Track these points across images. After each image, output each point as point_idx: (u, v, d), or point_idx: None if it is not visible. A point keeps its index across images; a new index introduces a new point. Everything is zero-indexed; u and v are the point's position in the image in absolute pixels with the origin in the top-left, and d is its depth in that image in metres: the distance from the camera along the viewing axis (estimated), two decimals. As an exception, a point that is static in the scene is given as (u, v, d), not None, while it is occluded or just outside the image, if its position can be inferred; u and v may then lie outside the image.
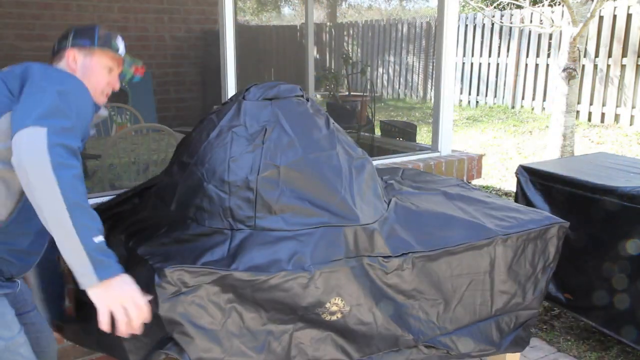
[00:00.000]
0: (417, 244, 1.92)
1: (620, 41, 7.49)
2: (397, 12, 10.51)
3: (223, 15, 2.81)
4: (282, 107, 1.96)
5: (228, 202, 1.76)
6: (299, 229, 1.74)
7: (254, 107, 1.95)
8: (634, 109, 7.40)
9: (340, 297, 1.75)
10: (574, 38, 5.08)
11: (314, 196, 1.80)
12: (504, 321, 2.18)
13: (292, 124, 1.91)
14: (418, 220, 2.02)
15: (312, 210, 1.77)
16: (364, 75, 6.40)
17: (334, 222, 1.78)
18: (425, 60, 9.28)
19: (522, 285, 2.18)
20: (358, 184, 1.91)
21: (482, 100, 9.55)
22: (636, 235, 2.52)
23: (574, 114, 5.39)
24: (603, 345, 2.88)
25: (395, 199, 2.11)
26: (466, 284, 2.04)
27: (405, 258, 1.88)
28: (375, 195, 1.99)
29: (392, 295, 1.88)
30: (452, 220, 2.06)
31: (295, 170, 1.82)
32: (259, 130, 1.87)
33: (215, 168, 1.81)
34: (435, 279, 1.96)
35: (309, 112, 2.01)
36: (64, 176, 1.32)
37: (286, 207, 1.77)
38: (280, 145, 1.85)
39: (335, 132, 2.01)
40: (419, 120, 8.12)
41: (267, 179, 1.78)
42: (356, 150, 2.05)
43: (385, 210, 2.00)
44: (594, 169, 2.96)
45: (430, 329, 1.99)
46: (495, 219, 2.14)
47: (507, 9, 8.99)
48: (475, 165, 3.59)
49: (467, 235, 2.02)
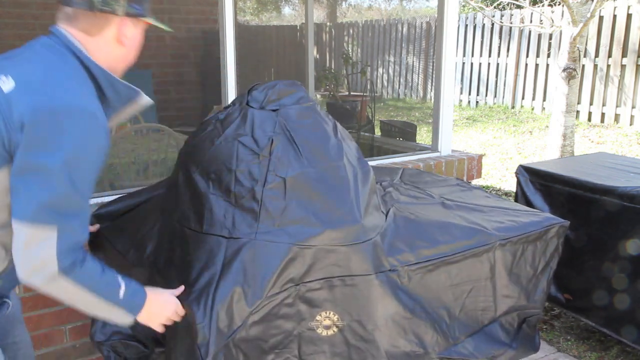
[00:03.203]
0: (417, 256, 1.91)
1: (620, 41, 7.49)
2: (397, 12, 10.51)
3: (223, 15, 2.81)
4: (289, 116, 1.94)
5: (233, 212, 1.75)
6: (300, 243, 1.72)
7: (260, 116, 1.93)
8: (634, 109, 7.40)
9: (333, 311, 1.74)
10: (574, 38, 5.08)
11: (319, 209, 1.78)
12: (508, 322, 2.18)
13: (298, 135, 1.89)
14: (417, 230, 2.00)
15: (315, 224, 1.75)
16: (364, 75, 6.40)
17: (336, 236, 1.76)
18: (425, 60, 9.28)
19: (524, 288, 2.18)
20: (363, 195, 1.90)
21: (482, 100, 9.54)
22: (636, 235, 2.52)
23: (574, 114, 5.39)
24: (603, 345, 2.88)
25: (394, 209, 2.10)
26: (467, 290, 2.03)
27: (407, 270, 1.87)
28: (374, 207, 1.98)
29: (396, 309, 1.86)
30: (451, 227, 2.05)
31: (302, 183, 1.80)
32: (266, 141, 1.85)
33: (221, 178, 1.80)
34: (437, 289, 1.95)
35: (316, 121, 1.98)
36: (77, 274, 1.27)
37: (291, 219, 1.75)
38: (287, 156, 1.83)
39: (342, 140, 1.99)
40: (419, 120, 8.12)
41: (272, 191, 1.77)
42: (360, 159, 2.03)
43: (384, 221, 1.99)
44: (594, 169, 2.96)
45: (441, 340, 1.97)
46: (495, 223, 2.14)
47: (507, 9, 8.99)
48: (475, 165, 3.59)
49: (467, 242, 2.01)
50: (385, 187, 2.36)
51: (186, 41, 6.04)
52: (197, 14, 6.07)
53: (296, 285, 1.68)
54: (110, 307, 1.37)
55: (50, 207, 1.21)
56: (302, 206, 1.77)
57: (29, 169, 1.21)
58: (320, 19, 8.27)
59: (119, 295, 1.37)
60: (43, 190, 1.20)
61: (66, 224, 1.23)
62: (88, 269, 1.30)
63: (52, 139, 1.21)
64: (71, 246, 1.24)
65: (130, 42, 1.43)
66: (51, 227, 1.21)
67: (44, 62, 1.33)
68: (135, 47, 1.47)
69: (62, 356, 2.50)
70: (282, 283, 1.66)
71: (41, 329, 2.41)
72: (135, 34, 1.44)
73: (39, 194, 1.20)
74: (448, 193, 2.41)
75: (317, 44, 7.90)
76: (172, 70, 6.03)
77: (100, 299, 1.34)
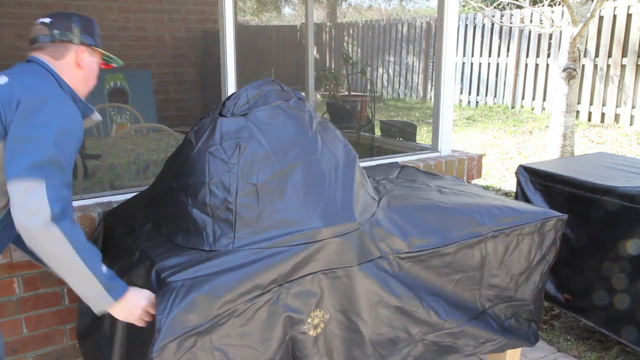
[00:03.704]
0: (409, 244, 1.91)
1: (620, 41, 7.49)
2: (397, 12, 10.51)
3: (223, 15, 2.81)
4: (257, 119, 1.91)
5: (212, 225, 1.75)
6: (279, 245, 1.71)
7: (228, 124, 1.91)
8: (634, 109, 7.40)
9: (319, 308, 1.74)
10: (574, 38, 5.08)
11: (295, 209, 1.77)
12: (498, 313, 2.18)
13: (267, 137, 1.87)
14: (410, 217, 1.99)
15: (294, 224, 1.74)
16: (364, 75, 6.40)
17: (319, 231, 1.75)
18: (425, 60, 9.28)
19: (514, 279, 2.18)
20: (345, 186, 1.88)
21: (482, 101, 9.54)
22: (636, 235, 2.52)
23: (574, 114, 5.39)
24: (603, 345, 2.88)
25: (387, 196, 2.09)
26: (457, 280, 2.04)
27: (397, 257, 1.88)
28: (364, 195, 1.96)
29: (382, 297, 1.87)
30: (445, 216, 2.04)
31: (273, 186, 1.79)
32: (234, 148, 1.84)
33: (197, 192, 1.80)
34: (426, 277, 1.96)
35: (287, 119, 1.95)
36: (66, 225, 1.47)
37: (267, 225, 1.75)
38: (256, 161, 1.82)
39: (318, 133, 1.96)
40: (419, 120, 8.12)
41: (245, 198, 1.76)
42: (343, 149, 2.00)
43: (376, 207, 1.98)
44: (594, 169, 2.96)
45: (427, 327, 1.99)
46: (490, 213, 2.13)
47: (507, 9, 8.99)
48: (475, 165, 3.59)
49: (460, 232, 2.01)
50: (379, 181, 2.36)
51: (186, 41, 6.04)
52: (197, 14, 6.07)
53: (280, 286, 1.68)
54: (92, 279, 1.52)
55: (39, 165, 1.47)
56: (277, 210, 1.76)
57: (23, 138, 1.50)
58: (320, 19, 8.27)
59: (101, 268, 1.55)
60: (34, 152, 1.48)
61: (52, 179, 1.48)
62: (77, 229, 1.51)
63: (42, 114, 1.54)
64: (58, 196, 1.47)
65: (87, 66, 1.76)
66: (40, 180, 1.46)
67: (33, 73, 1.66)
68: (93, 71, 1.79)
69: (62, 356, 2.50)
70: (265, 284, 1.65)
71: (41, 329, 2.41)
72: (91, 60, 1.77)
73: (30, 156, 1.48)
74: (445, 184, 2.41)
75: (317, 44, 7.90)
76: (172, 70, 6.03)
77: (84, 265, 1.51)
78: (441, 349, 2.04)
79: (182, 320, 1.53)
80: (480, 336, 2.13)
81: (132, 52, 5.70)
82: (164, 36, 5.87)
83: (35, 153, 1.48)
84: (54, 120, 1.55)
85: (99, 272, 1.55)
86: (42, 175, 1.46)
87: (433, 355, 2.03)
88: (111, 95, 5.58)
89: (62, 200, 1.49)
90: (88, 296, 1.57)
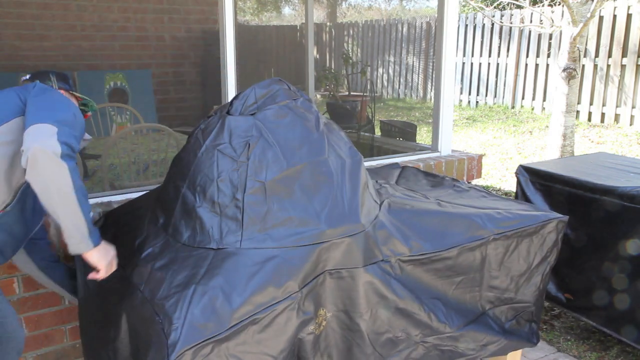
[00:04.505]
0: (411, 248, 1.91)
1: (620, 41, 7.49)
2: (397, 12, 10.52)
3: (223, 15, 2.81)
4: (266, 118, 1.92)
5: (219, 223, 1.75)
6: (287, 245, 1.71)
7: (237, 122, 1.92)
8: (634, 109, 7.40)
9: (322, 307, 1.74)
10: (574, 38, 5.09)
11: (302, 208, 1.78)
12: (499, 314, 2.18)
13: (276, 136, 1.88)
14: (411, 221, 2.00)
15: (301, 224, 1.74)
16: (364, 75, 6.40)
17: (325, 232, 1.75)
18: (425, 61, 9.29)
19: (514, 281, 2.18)
20: (351, 188, 1.88)
21: (482, 101, 9.54)
22: (636, 235, 2.52)
23: (574, 114, 5.39)
24: (603, 345, 2.88)
25: (389, 200, 2.09)
26: (457, 282, 2.04)
27: (399, 261, 1.88)
28: (368, 197, 1.97)
29: (384, 299, 1.87)
30: (446, 219, 2.05)
31: (282, 185, 1.79)
32: (243, 146, 1.85)
33: (206, 190, 1.80)
34: (427, 279, 1.96)
35: (294, 118, 1.96)
36: (70, 164, 1.61)
37: (274, 223, 1.75)
38: (265, 159, 1.82)
39: (325, 133, 1.97)
40: (419, 120, 8.13)
41: (253, 196, 1.76)
42: (348, 150, 2.01)
43: (378, 211, 1.98)
44: (594, 169, 2.96)
45: (428, 329, 1.99)
46: (490, 216, 2.13)
47: (507, 9, 8.99)
48: (475, 165, 3.59)
49: (461, 236, 2.01)
50: (382, 184, 2.36)
51: (186, 41, 6.04)
52: (197, 14, 6.07)
53: (299, 291, 1.67)
54: (81, 219, 1.66)
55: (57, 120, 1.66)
56: (285, 208, 1.76)
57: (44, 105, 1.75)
58: (320, 19, 8.27)
59: (89, 214, 1.69)
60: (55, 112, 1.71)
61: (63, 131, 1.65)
62: (78, 173, 1.65)
63: (57, 95, 1.83)
64: (66, 142, 1.61)
65: None
66: (53, 127, 1.63)
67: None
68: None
69: (62, 356, 2.50)
70: (284, 289, 1.64)
71: (41, 329, 2.41)
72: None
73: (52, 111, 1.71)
74: (444, 196, 2.40)
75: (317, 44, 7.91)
76: (172, 70, 6.04)
77: (77, 205, 1.63)
78: (443, 354, 2.04)
79: (200, 328, 1.51)
80: (481, 338, 2.13)
81: (132, 52, 5.70)
82: (164, 36, 5.87)
83: (56, 113, 1.70)
84: (67, 101, 1.81)
85: (88, 217, 1.68)
86: (57, 125, 1.64)
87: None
88: (111, 95, 5.58)
89: (69, 146, 1.62)
90: (72, 235, 1.67)
